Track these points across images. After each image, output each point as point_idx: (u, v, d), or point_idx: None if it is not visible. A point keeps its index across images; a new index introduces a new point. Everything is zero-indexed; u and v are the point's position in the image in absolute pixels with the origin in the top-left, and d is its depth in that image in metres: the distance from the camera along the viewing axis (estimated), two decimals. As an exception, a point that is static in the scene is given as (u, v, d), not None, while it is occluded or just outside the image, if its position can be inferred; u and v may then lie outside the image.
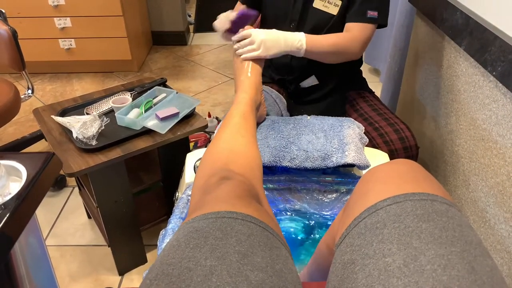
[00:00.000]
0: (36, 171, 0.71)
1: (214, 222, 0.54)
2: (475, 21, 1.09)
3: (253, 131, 0.91)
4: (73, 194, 1.83)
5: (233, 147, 0.81)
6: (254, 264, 0.49)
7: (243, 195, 0.64)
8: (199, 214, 0.57)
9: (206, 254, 0.49)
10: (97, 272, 1.48)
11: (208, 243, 0.51)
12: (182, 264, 0.48)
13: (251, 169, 0.76)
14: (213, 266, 0.48)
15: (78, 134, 1.24)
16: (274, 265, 0.51)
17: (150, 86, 1.52)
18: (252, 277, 0.48)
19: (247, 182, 0.69)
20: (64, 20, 2.58)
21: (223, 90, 2.64)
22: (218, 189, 0.65)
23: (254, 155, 0.82)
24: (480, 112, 1.12)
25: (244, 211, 0.57)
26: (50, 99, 2.55)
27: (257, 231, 0.55)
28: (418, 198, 0.52)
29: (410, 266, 0.45)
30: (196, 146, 1.95)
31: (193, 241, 0.51)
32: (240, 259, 0.49)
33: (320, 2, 1.24)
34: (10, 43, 1.57)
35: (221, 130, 0.88)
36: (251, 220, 0.56)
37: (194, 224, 0.55)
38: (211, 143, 0.86)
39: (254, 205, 0.61)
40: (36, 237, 0.81)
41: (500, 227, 1.04)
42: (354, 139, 1.06)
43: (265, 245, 0.53)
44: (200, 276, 0.47)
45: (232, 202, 0.60)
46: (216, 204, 0.59)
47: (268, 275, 0.49)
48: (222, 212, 0.56)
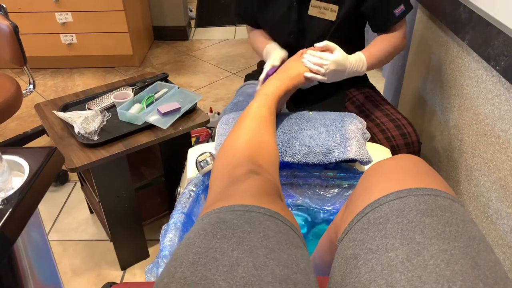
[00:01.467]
0: (38, 166, 0.71)
1: (242, 215, 0.55)
2: (478, 16, 1.08)
3: (275, 127, 0.90)
4: (75, 189, 1.83)
5: (259, 140, 0.80)
6: (280, 260, 0.50)
7: (271, 193, 0.64)
8: (226, 205, 0.57)
9: (233, 245, 0.49)
10: (99, 266, 1.49)
11: (235, 235, 0.51)
12: (209, 254, 0.49)
13: (274, 167, 0.76)
14: (240, 258, 0.48)
15: (80, 129, 1.24)
16: (299, 264, 0.52)
17: (151, 81, 1.52)
18: (277, 271, 0.48)
19: (273, 180, 0.70)
20: (65, 15, 2.57)
21: (225, 85, 2.64)
22: (246, 182, 0.65)
23: (276, 152, 0.82)
24: (483, 107, 1.11)
25: (272, 208, 0.57)
26: (51, 94, 2.55)
27: (284, 229, 0.55)
28: (421, 193, 0.52)
29: (413, 261, 0.45)
30: (197, 141, 1.95)
31: (220, 232, 0.52)
32: (266, 254, 0.49)
33: (315, 9, 1.22)
34: (12, 38, 1.57)
35: (244, 119, 0.86)
36: (278, 217, 0.56)
37: (221, 215, 0.55)
38: (233, 130, 0.85)
39: (280, 204, 0.61)
40: (38, 232, 0.81)
41: (502, 222, 1.04)
42: (356, 134, 1.06)
43: (291, 244, 0.54)
44: (226, 267, 0.47)
45: (259, 198, 0.60)
46: (245, 197, 0.60)
47: (293, 271, 0.50)
48: (250, 206, 0.56)
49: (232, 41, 3.23)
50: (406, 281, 0.43)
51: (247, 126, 0.84)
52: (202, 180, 1.03)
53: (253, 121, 0.86)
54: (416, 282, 0.43)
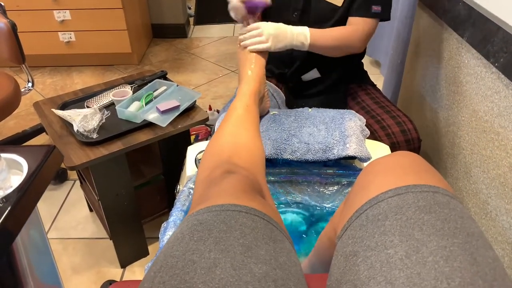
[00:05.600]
0: (37, 164, 0.71)
1: (218, 215, 0.54)
2: (478, 12, 1.08)
3: (257, 124, 0.90)
4: (74, 188, 1.83)
5: (237, 140, 0.81)
6: (258, 256, 0.50)
7: (247, 189, 0.64)
8: (203, 207, 0.57)
9: (210, 246, 0.49)
10: (99, 265, 1.49)
11: (212, 236, 0.51)
12: (186, 257, 0.49)
13: (254, 163, 0.76)
14: (217, 259, 0.48)
15: (79, 127, 1.24)
16: (278, 258, 0.51)
17: (150, 79, 1.51)
18: (256, 269, 0.48)
19: (251, 177, 0.69)
20: (63, 12, 2.56)
21: (224, 83, 2.63)
22: (222, 183, 0.65)
23: (258, 148, 0.82)
24: (482, 104, 1.11)
25: (248, 204, 0.57)
26: (50, 92, 2.55)
27: (261, 224, 0.55)
28: (419, 190, 0.52)
29: (412, 257, 0.45)
30: (197, 139, 1.95)
31: (197, 234, 0.51)
32: (244, 252, 0.49)
33: None
34: (10, 36, 1.57)
35: (224, 123, 0.87)
36: (255, 213, 0.56)
37: (198, 216, 0.55)
38: (214, 135, 0.86)
39: (258, 198, 0.61)
40: (38, 230, 0.81)
41: (501, 218, 1.04)
42: (356, 131, 1.06)
43: (269, 238, 0.53)
44: (204, 269, 0.47)
45: (236, 195, 0.60)
46: (220, 197, 0.59)
47: (271, 267, 0.49)
48: (226, 205, 0.56)
49: (231, 39, 3.22)
50: (405, 278, 0.43)
51: (226, 128, 0.85)
52: (201, 177, 1.03)
53: (232, 122, 0.87)
54: (415, 279, 0.43)
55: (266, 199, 0.68)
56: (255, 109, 0.94)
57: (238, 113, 0.89)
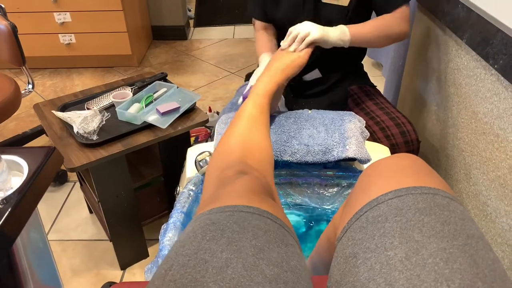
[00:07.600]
0: (37, 166, 0.71)
1: (231, 215, 0.54)
2: (477, 14, 1.09)
3: (268, 125, 0.90)
4: (74, 189, 1.83)
5: (249, 141, 0.80)
6: (270, 259, 0.50)
7: (260, 191, 0.63)
8: (216, 207, 0.57)
9: (223, 246, 0.49)
10: (98, 266, 1.49)
11: (224, 236, 0.51)
12: (198, 256, 0.48)
13: (265, 165, 0.76)
14: (229, 259, 0.48)
15: (79, 129, 1.24)
16: (289, 261, 0.51)
17: (150, 81, 1.52)
18: (267, 271, 0.48)
19: (262, 178, 0.69)
20: (64, 15, 2.57)
21: (224, 85, 2.64)
22: (235, 183, 0.65)
23: (269, 150, 0.82)
24: (482, 106, 1.11)
25: (260, 206, 0.57)
26: (50, 94, 2.55)
27: (273, 227, 0.55)
28: (419, 192, 0.52)
29: (412, 259, 0.45)
30: (197, 140, 1.95)
31: (209, 233, 0.51)
32: (256, 253, 0.49)
33: None
34: (10, 38, 1.57)
35: (236, 121, 0.86)
36: (268, 216, 0.56)
37: (211, 216, 0.55)
38: (224, 134, 0.85)
39: (269, 201, 0.61)
40: (38, 231, 0.81)
41: (501, 220, 1.04)
42: (355, 133, 1.06)
43: (281, 242, 0.53)
44: (216, 268, 0.47)
45: (249, 197, 0.60)
46: (233, 197, 0.59)
47: (283, 270, 0.49)
48: (239, 206, 0.56)
49: (231, 41, 3.22)
50: (405, 280, 0.44)
51: (237, 128, 0.84)
52: (201, 179, 1.03)
53: (244, 122, 0.86)
54: (415, 281, 0.43)
55: (276, 201, 0.68)
56: (267, 110, 0.93)
57: (251, 113, 0.88)
